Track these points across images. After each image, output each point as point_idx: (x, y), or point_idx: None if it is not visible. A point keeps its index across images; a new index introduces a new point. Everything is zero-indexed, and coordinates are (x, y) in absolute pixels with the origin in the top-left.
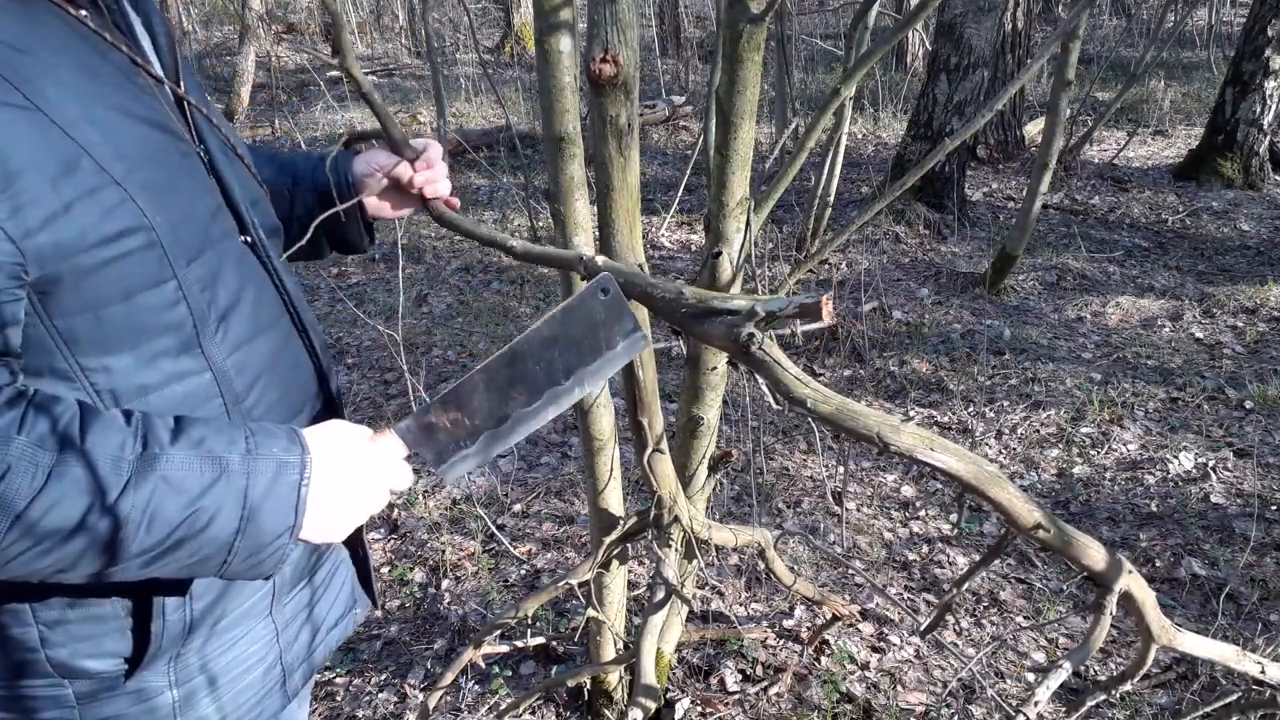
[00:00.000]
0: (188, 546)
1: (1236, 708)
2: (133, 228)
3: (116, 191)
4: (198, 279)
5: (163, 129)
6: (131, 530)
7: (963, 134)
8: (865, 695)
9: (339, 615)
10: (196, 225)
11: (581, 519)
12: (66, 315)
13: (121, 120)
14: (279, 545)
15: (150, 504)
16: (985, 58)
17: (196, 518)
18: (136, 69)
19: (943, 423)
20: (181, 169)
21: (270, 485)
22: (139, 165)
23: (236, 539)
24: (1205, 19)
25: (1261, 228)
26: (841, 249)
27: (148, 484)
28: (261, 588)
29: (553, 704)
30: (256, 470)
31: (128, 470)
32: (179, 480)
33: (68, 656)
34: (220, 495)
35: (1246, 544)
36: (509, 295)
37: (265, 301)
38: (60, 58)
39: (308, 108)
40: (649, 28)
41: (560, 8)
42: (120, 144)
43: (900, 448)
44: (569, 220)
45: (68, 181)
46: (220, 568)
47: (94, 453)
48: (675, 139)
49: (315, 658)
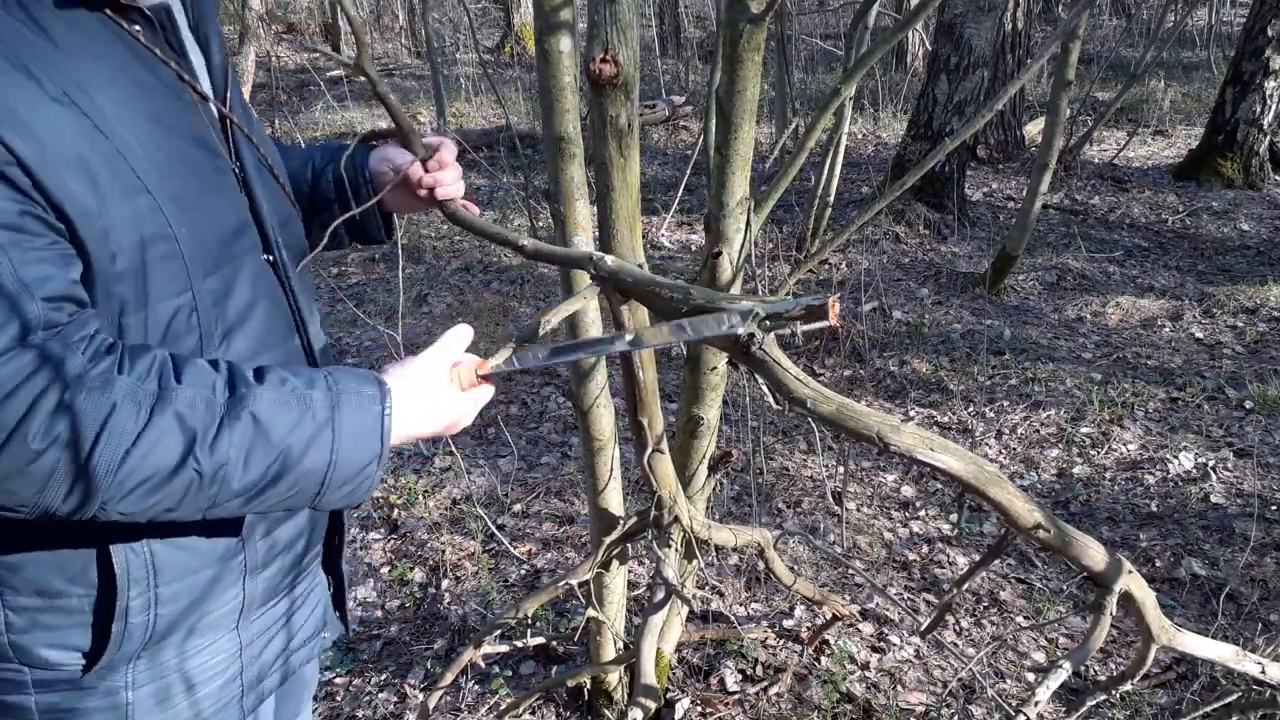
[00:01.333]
0: (285, 480)
1: (1236, 708)
2: (159, 235)
3: (148, 199)
4: (210, 292)
5: (199, 144)
6: (230, 468)
7: (963, 134)
8: (865, 695)
9: (306, 637)
10: (219, 239)
11: (581, 519)
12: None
13: (159, 131)
14: (369, 473)
15: (246, 441)
16: (985, 58)
17: (290, 452)
18: (183, 85)
19: (943, 423)
20: (213, 184)
21: (355, 414)
22: (170, 176)
23: (329, 470)
24: (1205, 19)
25: (1261, 228)
26: (841, 249)
27: (241, 422)
28: (233, 599)
29: (553, 704)
30: (340, 404)
31: (221, 410)
32: (269, 417)
33: (30, 644)
34: (309, 429)
35: (1246, 544)
36: (509, 295)
37: (276, 319)
38: (103, 65)
39: (308, 108)
40: (649, 28)
41: (560, 8)
42: (154, 154)
43: (900, 448)
44: (569, 220)
45: (105, 180)
46: (316, 498)
47: (189, 393)
48: (675, 139)
49: (274, 677)
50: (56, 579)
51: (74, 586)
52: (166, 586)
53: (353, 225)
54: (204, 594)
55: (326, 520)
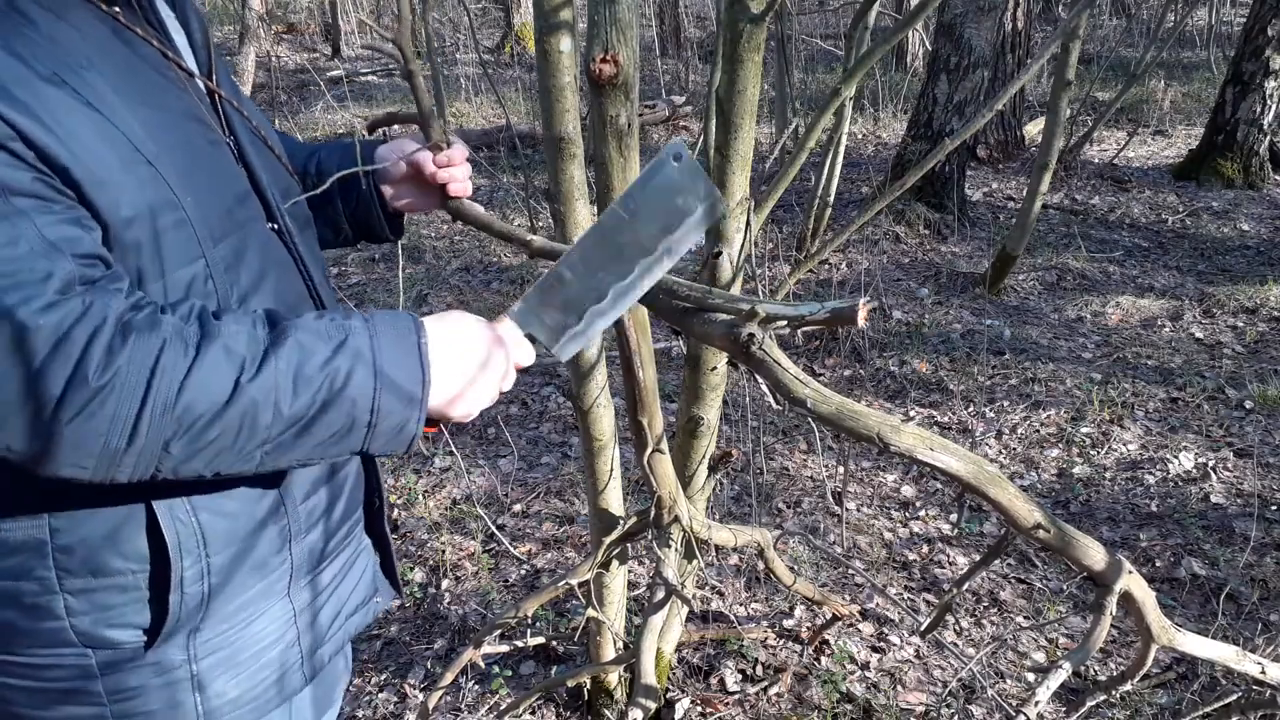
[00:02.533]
0: (332, 411)
1: (1236, 708)
2: (166, 203)
3: (150, 170)
4: (222, 258)
5: (191, 118)
6: (280, 393)
7: (963, 134)
8: (865, 695)
9: (359, 602)
10: (223, 208)
11: (581, 519)
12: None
13: (152, 111)
14: (415, 406)
15: (292, 366)
16: (985, 58)
17: (335, 375)
18: (168, 63)
19: (943, 423)
20: (210, 156)
21: (393, 343)
22: (168, 150)
23: (375, 397)
24: (1205, 19)
25: (1261, 228)
26: (841, 249)
27: (285, 348)
28: (281, 564)
29: (553, 704)
30: (377, 331)
31: (264, 340)
32: (310, 343)
33: (91, 625)
34: (350, 354)
35: (1246, 544)
36: (509, 295)
37: (288, 286)
38: (88, 46)
39: (308, 108)
40: (649, 28)
41: (560, 8)
42: (152, 129)
43: (900, 448)
44: (569, 220)
45: (110, 154)
46: (367, 433)
47: (232, 328)
48: (675, 139)
49: (334, 642)
50: (110, 556)
51: (128, 563)
52: (217, 555)
53: (359, 223)
54: (252, 561)
55: (363, 484)
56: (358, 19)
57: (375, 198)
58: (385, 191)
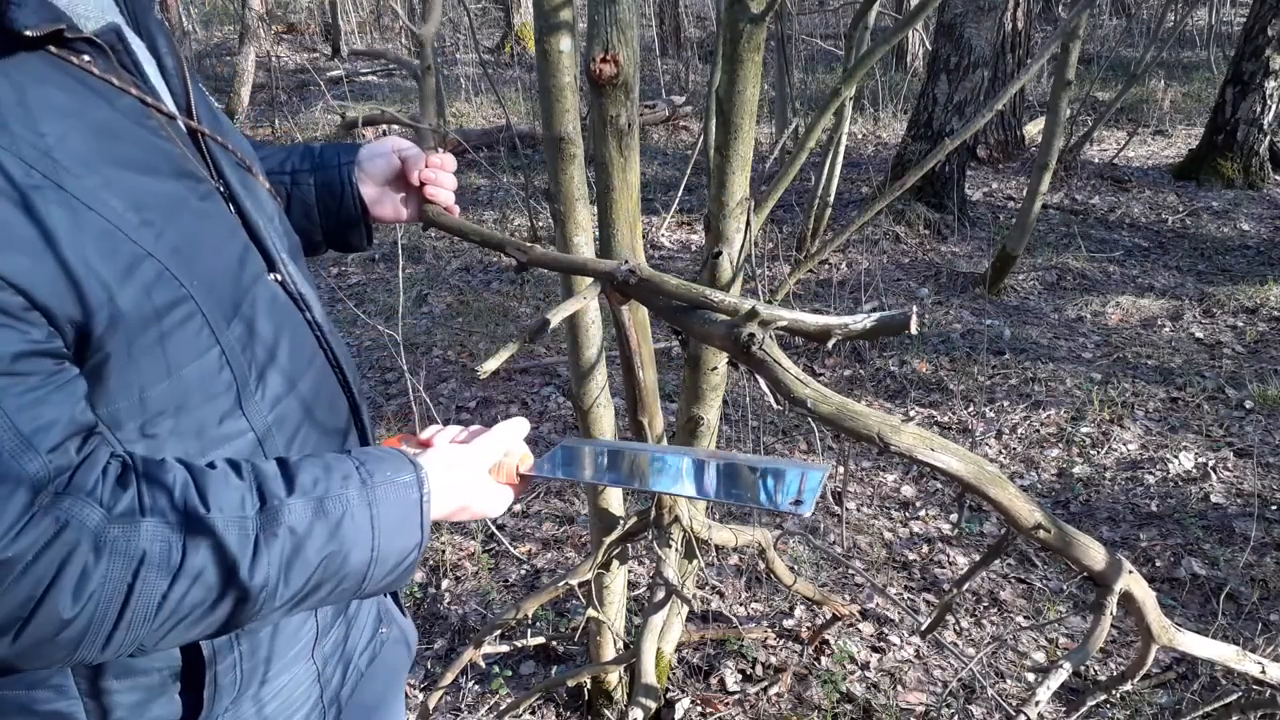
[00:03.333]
0: (327, 585)
1: (1236, 708)
2: (174, 300)
3: (152, 264)
4: (238, 338)
5: (181, 175)
6: (272, 588)
7: (963, 134)
8: (865, 695)
9: (368, 639)
10: (229, 277)
11: (581, 519)
12: (111, 403)
13: (140, 179)
14: (410, 560)
15: (285, 558)
16: (985, 58)
17: (330, 560)
18: (148, 109)
19: (943, 423)
20: (205, 217)
21: (393, 510)
22: (165, 228)
23: (370, 567)
24: (1205, 19)
25: (1261, 228)
26: (841, 249)
27: (278, 539)
28: (308, 633)
29: (553, 704)
30: (377, 500)
31: (254, 529)
32: (305, 529)
33: None
34: (349, 533)
35: (1246, 544)
36: (509, 295)
37: (300, 342)
38: (70, 123)
39: (308, 108)
40: (649, 28)
41: (560, 8)
42: (143, 208)
43: (900, 448)
44: (569, 220)
45: (105, 262)
46: (358, 593)
47: (219, 519)
48: (675, 139)
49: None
50: (136, 660)
51: (154, 663)
52: (248, 639)
53: (331, 233)
54: (284, 635)
55: None
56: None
57: (357, 205)
58: (365, 196)
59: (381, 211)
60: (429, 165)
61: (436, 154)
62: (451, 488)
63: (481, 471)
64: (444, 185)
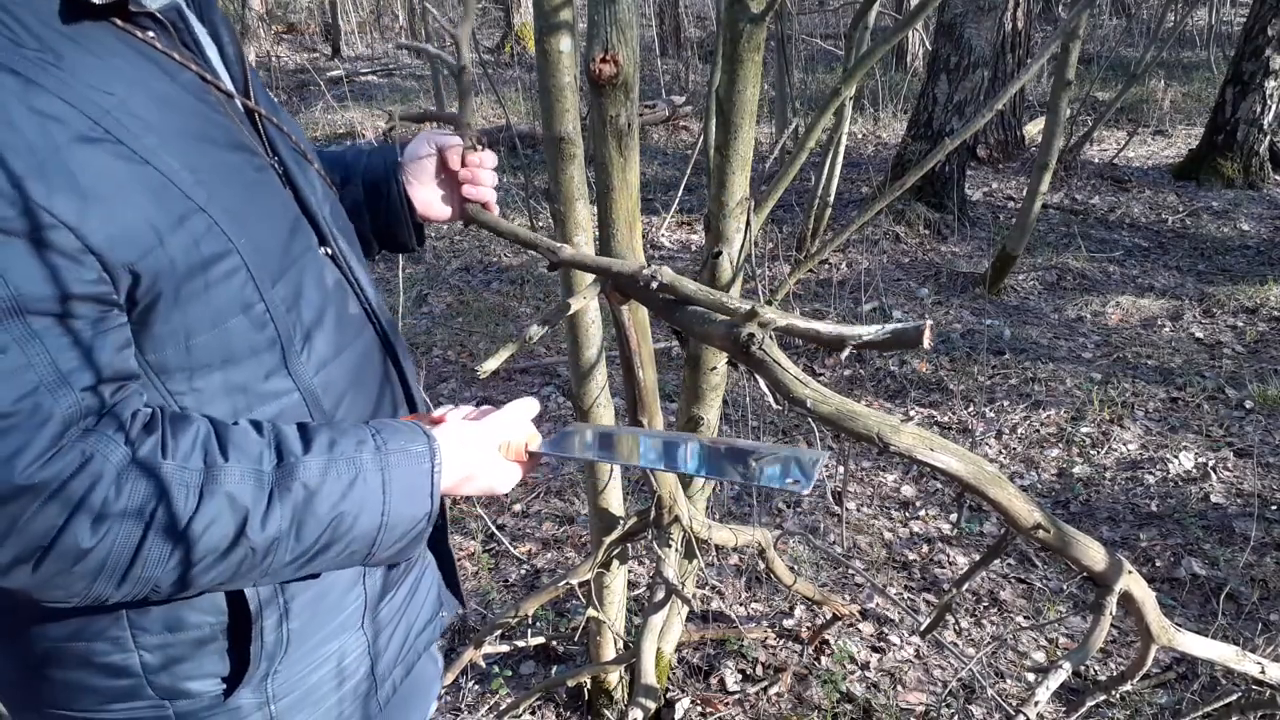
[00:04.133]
0: (336, 547)
1: (1236, 708)
2: (221, 253)
3: (203, 218)
4: (283, 299)
5: (237, 147)
6: (283, 540)
7: (963, 134)
8: (865, 695)
9: (427, 619)
10: (278, 244)
11: (581, 519)
12: (158, 349)
13: (196, 146)
14: (419, 529)
15: (297, 513)
16: (985, 58)
17: (341, 520)
18: (206, 86)
19: (943, 423)
20: (259, 187)
21: (405, 477)
22: (218, 190)
23: (380, 532)
24: (1205, 19)
25: (1261, 227)
26: (841, 249)
27: (291, 494)
28: (355, 600)
29: (553, 704)
30: (390, 465)
31: (269, 482)
32: (319, 486)
33: (168, 679)
34: (360, 495)
35: (1246, 544)
36: (509, 295)
37: (348, 314)
38: (133, 89)
39: (308, 108)
40: (649, 28)
41: (560, 8)
42: (198, 170)
43: (900, 448)
44: (569, 220)
45: (158, 211)
46: (366, 558)
47: (237, 469)
48: (675, 139)
49: (401, 667)
50: (186, 611)
51: (205, 616)
52: (295, 599)
53: (385, 232)
54: (330, 600)
55: None
56: (356, 20)
57: (403, 203)
58: (412, 196)
59: (428, 211)
60: (468, 163)
61: (475, 151)
62: (462, 461)
63: (491, 447)
64: (483, 183)
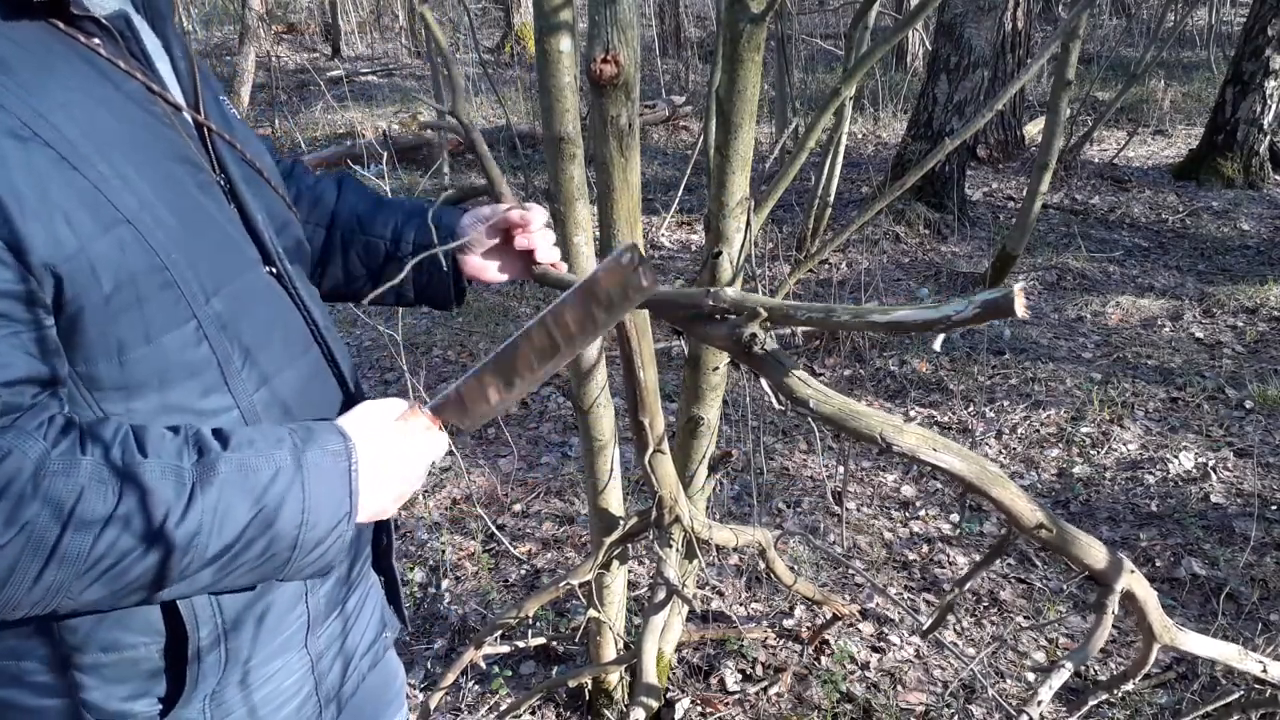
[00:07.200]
0: (256, 546)
1: (1237, 707)
2: (151, 265)
3: (129, 229)
4: (217, 316)
5: (178, 160)
6: (204, 536)
7: (963, 134)
8: (865, 695)
9: (370, 641)
10: (214, 260)
11: (581, 519)
12: (89, 361)
13: (133, 154)
14: (340, 532)
15: (218, 506)
16: (985, 58)
17: (263, 515)
18: (153, 96)
19: (943, 423)
20: (198, 202)
21: (323, 475)
22: (153, 202)
23: (301, 531)
24: (1205, 19)
25: (1261, 227)
26: (841, 249)
27: (212, 488)
28: (298, 619)
29: (553, 704)
30: (308, 463)
31: (190, 478)
32: (239, 481)
33: (103, 700)
34: (280, 490)
35: (1246, 544)
36: (509, 295)
37: (292, 334)
38: (71, 94)
39: (308, 108)
40: (649, 28)
41: (560, 8)
42: (131, 180)
43: (903, 448)
44: (569, 220)
45: (83, 216)
46: (287, 565)
47: (156, 464)
48: (675, 139)
49: (348, 688)
50: (120, 632)
51: (139, 636)
52: (233, 618)
53: (421, 287)
54: (270, 620)
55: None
56: (356, 20)
57: (452, 271)
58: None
59: (481, 275)
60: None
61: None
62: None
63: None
64: (546, 245)
